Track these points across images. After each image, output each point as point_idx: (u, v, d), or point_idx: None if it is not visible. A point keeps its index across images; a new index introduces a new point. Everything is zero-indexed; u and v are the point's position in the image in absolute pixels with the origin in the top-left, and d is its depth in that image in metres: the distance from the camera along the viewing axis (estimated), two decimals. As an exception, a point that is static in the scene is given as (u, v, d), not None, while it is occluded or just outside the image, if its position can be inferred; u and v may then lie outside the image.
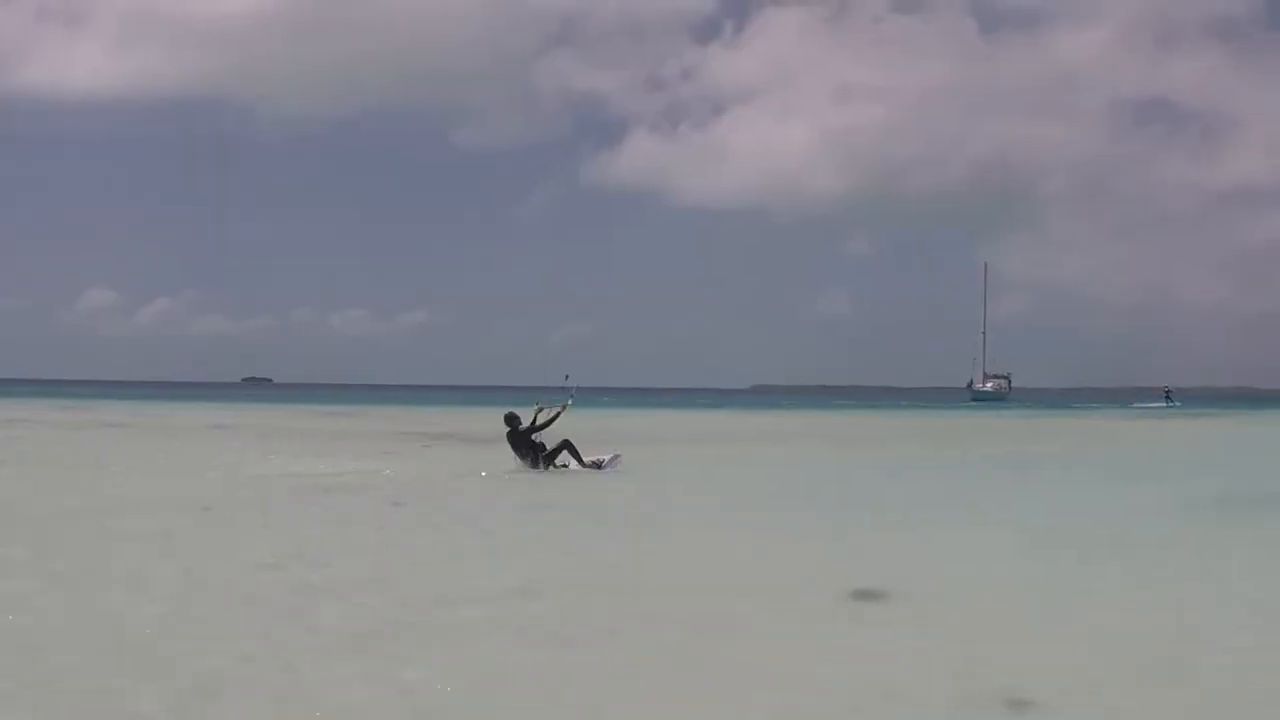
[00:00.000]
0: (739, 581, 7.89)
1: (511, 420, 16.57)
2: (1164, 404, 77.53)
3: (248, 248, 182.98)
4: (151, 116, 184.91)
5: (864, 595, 7.14)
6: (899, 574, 8.03)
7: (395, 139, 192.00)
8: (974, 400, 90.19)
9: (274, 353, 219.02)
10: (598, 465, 16.56)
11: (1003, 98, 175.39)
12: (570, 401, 16.91)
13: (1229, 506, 13.30)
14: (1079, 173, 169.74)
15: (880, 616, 6.75)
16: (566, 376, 17.73)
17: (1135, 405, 77.53)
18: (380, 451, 21.74)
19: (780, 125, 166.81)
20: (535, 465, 16.36)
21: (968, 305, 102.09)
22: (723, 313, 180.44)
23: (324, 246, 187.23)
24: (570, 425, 16.56)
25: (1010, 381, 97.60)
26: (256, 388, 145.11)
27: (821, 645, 6.04)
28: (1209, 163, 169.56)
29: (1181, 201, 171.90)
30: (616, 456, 17.06)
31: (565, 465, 16.43)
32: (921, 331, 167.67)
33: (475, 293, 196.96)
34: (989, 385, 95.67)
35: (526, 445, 16.38)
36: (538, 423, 16.35)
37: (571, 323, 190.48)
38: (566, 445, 16.46)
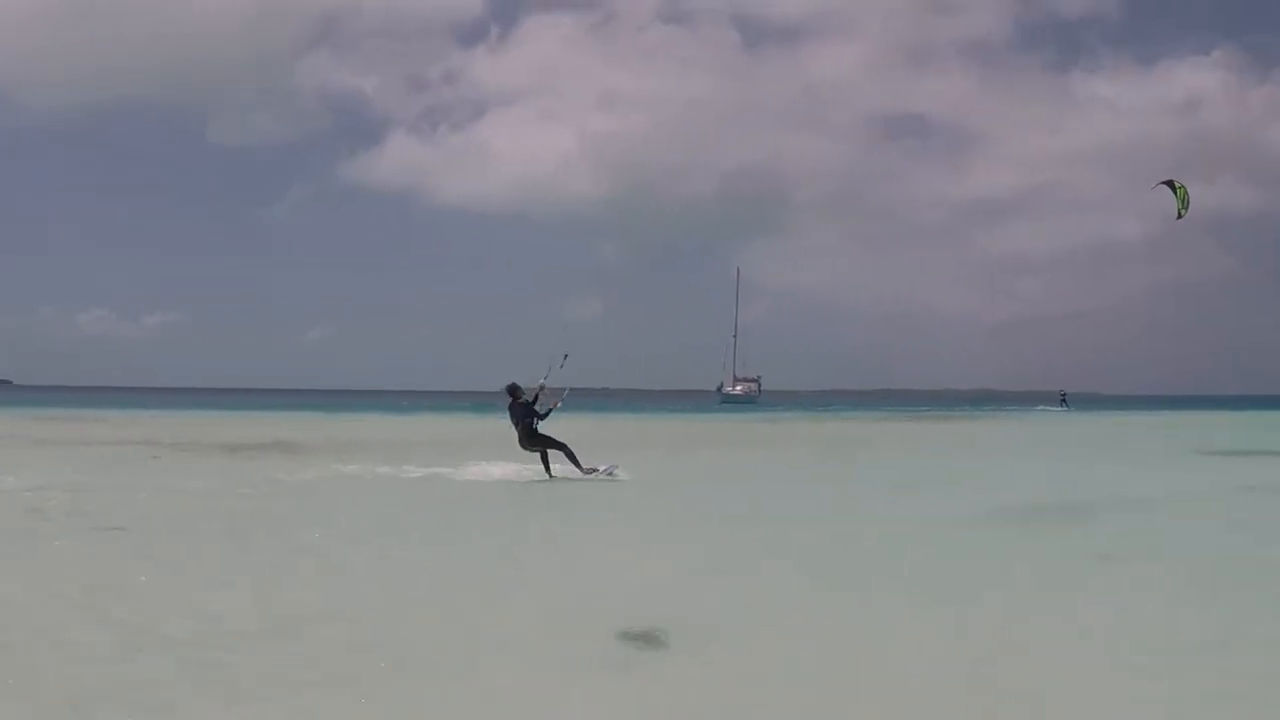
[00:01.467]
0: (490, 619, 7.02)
1: (514, 391, 17.28)
2: (1061, 408, 77.96)
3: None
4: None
5: (626, 636, 6.28)
6: (638, 612, 6.89)
7: (149, 133, 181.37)
8: (724, 403, 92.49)
9: (16, 353, 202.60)
10: (595, 472, 17.11)
11: (762, 109, 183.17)
12: (562, 402, 17.85)
13: (1002, 519, 12.33)
14: (833, 183, 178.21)
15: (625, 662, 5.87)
16: (565, 356, 18.10)
17: (1037, 408, 77.96)
18: (94, 461, 20.80)
19: (541, 130, 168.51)
20: (526, 442, 17.08)
21: (721, 310, 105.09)
22: (478, 315, 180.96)
23: (70, 242, 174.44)
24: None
25: (760, 384, 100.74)
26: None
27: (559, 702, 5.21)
28: (957, 176, 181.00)
29: (930, 212, 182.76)
30: (613, 467, 17.48)
31: (553, 475, 16.90)
32: (676, 335, 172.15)
33: (228, 293, 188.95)
34: (739, 388, 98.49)
35: (522, 417, 17.02)
36: (539, 405, 17.10)
37: (325, 324, 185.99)
38: (564, 449, 17.01)
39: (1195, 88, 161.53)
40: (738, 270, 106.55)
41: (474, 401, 62.31)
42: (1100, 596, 7.97)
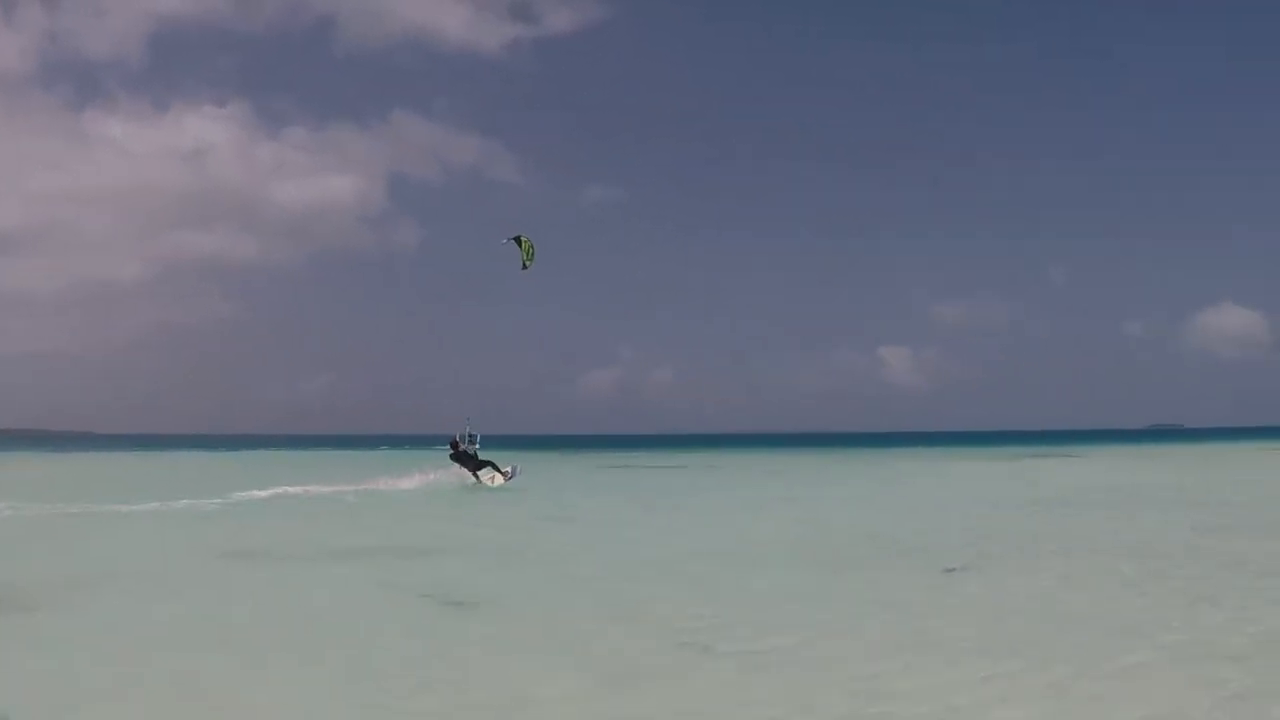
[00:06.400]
0: None
1: (455, 445, 30.31)
2: None
3: None
4: None
5: None
6: None
7: None
8: None
9: None
10: (509, 476, 26.54)
11: None
12: (478, 446, 30.41)
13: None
14: None
15: None
16: (468, 419, 28.24)
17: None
18: None
19: None
20: (472, 470, 30.48)
21: None
22: None
23: None
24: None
25: None
26: None
27: None
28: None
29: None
30: (515, 468, 27.01)
31: (483, 480, 27.55)
32: None
33: None
34: None
35: (472, 461, 30.06)
36: (471, 452, 30.20)
37: None
38: (492, 464, 30.30)
39: (205, 138, 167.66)
40: None
41: None
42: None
